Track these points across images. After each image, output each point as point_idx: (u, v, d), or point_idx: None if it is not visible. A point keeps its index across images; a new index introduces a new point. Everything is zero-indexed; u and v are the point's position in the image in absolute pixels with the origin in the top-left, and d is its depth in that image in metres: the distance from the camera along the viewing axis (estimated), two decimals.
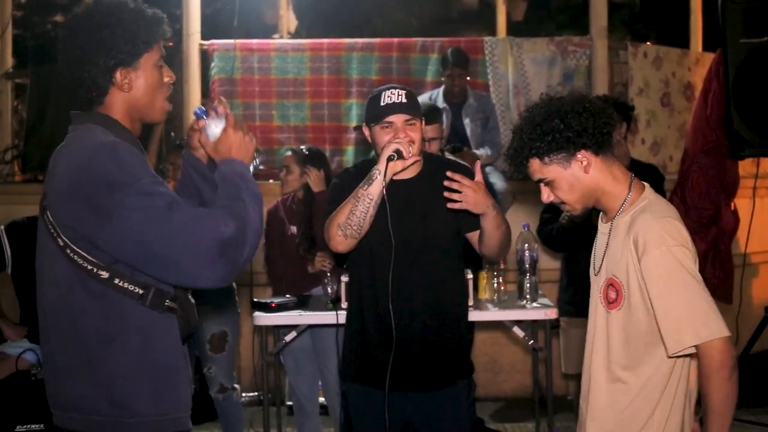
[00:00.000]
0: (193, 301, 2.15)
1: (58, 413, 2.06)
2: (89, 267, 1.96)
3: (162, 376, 2.03)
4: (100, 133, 2.02)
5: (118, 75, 2.05)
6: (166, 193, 1.94)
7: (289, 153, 4.40)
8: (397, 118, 2.80)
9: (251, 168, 2.13)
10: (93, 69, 2.03)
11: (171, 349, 2.05)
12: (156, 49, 2.10)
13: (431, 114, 4.27)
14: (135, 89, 2.08)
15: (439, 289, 2.89)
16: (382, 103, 2.82)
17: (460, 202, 2.69)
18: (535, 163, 2.24)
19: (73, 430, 2.03)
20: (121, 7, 2.06)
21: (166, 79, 2.14)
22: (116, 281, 1.97)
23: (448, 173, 2.70)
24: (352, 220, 2.75)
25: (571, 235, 4.06)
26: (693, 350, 2.11)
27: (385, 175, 2.72)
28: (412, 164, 2.81)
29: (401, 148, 2.73)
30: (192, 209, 1.96)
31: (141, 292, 1.98)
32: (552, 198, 2.28)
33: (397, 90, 2.84)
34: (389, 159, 2.72)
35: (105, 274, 1.96)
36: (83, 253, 1.96)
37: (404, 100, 2.82)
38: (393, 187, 2.82)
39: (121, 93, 2.07)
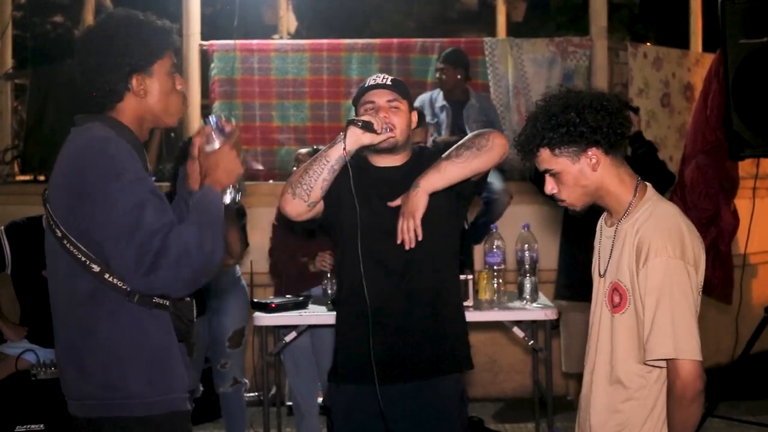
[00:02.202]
0: (188, 299, 2.19)
1: (68, 401, 2.15)
2: (83, 259, 2.04)
3: (154, 359, 2.09)
4: (98, 130, 2.10)
5: (134, 81, 2.14)
6: (142, 191, 2.02)
7: (305, 150, 4.40)
8: (379, 97, 2.71)
9: (229, 196, 2.17)
10: (110, 75, 2.13)
11: (163, 334, 2.11)
12: (168, 57, 2.20)
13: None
14: (149, 95, 2.17)
15: (423, 271, 2.73)
16: (366, 85, 2.76)
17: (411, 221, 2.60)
18: (544, 153, 2.23)
19: (74, 416, 2.12)
20: (132, 18, 2.17)
21: (178, 87, 2.23)
22: (106, 276, 2.04)
23: (390, 204, 2.63)
24: (303, 179, 2.63)
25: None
26: (664, 363, 2.13)
27: (345, 141, 2.57)
28: (384, 141, 2.65)
29: (372, 121, 2.60)
30: (158, 218, 2.01)
31: (128, 288, 2.04)
32: (555, 190, 2.26)
33: (384, 75, 2.78)
34: (350, 122, 2.60)
35: (96, 268, 2.04)
36: (78, 245, 2.04)
37: (389, 83, 2.74)
38: (377, 173, 2.73)
39: (136, 99, 2.16)
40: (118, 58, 2.11)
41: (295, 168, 4.27)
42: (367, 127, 2.59)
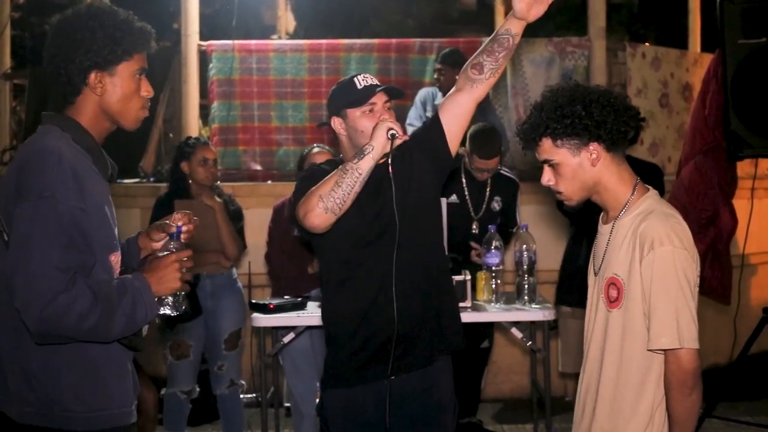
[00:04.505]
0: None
1: (5, 405, 2.09)
2: None
3: (91, 373, 2.06)
4: (53, 137, 2.06)
5: (92, 77, 2.09)
6: (56, 221, 1.94)
7: (317, 150, 4.36)
8: (379, 99, 2.71)
9: (168, 308, 2.11)
10: (69, 66, 2.08)
11: (101, 348, 2.06)
12: (136, 60, 2.13)
13: (493, 144, 4.39)
14: (108, 94, 2.11)
15: (430, 257, 2.78)
16: (359, 86, 2.72)
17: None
18: (546, 143, 2.24)
19: (13, 421, 2.07)
20: (107, 14, 2.11)
21: (143, 93, 2.17)
22: None
23: None
24: (336, 193, 2.56)
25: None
26: (661, 352, 2.14)
27: (389, 153, 2.57)
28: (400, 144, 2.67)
29: (395, 128, 2.60)
30: (64, 256, 1.94)
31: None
32: (552, 182, 2.27)
33: (371, 76, 2.78)
34: (392, 135, 2.57)
35: None
36: None
37: (378, 83, 2.75)
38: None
39: (93, 96, 2.11)
40: (79, 50, 2.06)
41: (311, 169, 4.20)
42: (394, 134, 2.60)
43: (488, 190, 4.59)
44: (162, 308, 2.10)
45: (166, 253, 2.14)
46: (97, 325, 1.95)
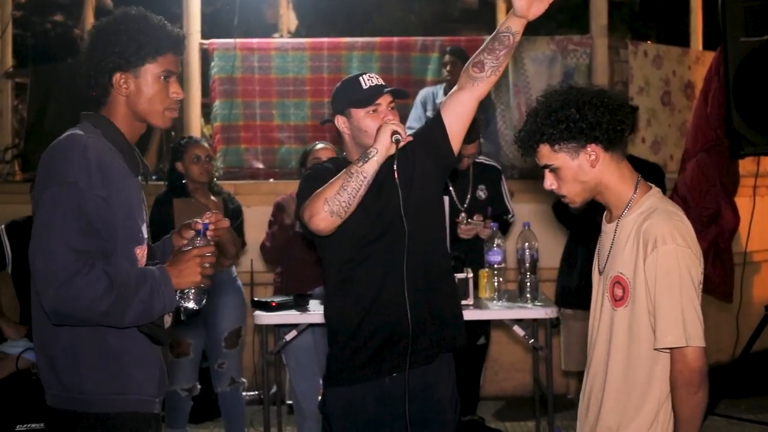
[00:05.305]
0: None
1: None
2: None
3: (110, 358, 2.12)
4: (83, 131, 2.13)
5: (116, 77, 2.17)
6: (75, 205, 2.01)
7: (321, 146, 4.35)
8: (384, 100, 2.72)
9: (192, 302, 2.17)
10: (94, 69, 2.16)
11: (120, 337, 2.12)
12: (161, 62, 2.20)
13: (471, 130, 4.37)
14: (133, 95, 2.19)
15: (432, 255, 2.78)
16: (365, 86, 2.72)
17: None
18: (544, 149, 2.24)
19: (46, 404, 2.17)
20: (135, 18, 2.19)
21: (171, 95, 2.22)
22: None
23: None
24: (341, 196, 2.56)
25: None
26: (668, 351, 2.14)
27: (395, 156, 2.58)
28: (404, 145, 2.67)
29: (399, 130, 2.61)
30: (81, 240, 2.01)
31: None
32: (554, 186, 2.28)
33: (376, 75, 2.79)
34: (396, 140, 2.58)
35: None
36: None
37: (383, 82, 2.76)
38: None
39: (121, 96, 2.18)
40: (104, 53, 2.15)
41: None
42: (398, 139, 2.60)
43: (471, 179, 4.60)
44: (184, 301, 2.16)
45: (189, 248, 2.19)
46: (111, 311, 2.01)
